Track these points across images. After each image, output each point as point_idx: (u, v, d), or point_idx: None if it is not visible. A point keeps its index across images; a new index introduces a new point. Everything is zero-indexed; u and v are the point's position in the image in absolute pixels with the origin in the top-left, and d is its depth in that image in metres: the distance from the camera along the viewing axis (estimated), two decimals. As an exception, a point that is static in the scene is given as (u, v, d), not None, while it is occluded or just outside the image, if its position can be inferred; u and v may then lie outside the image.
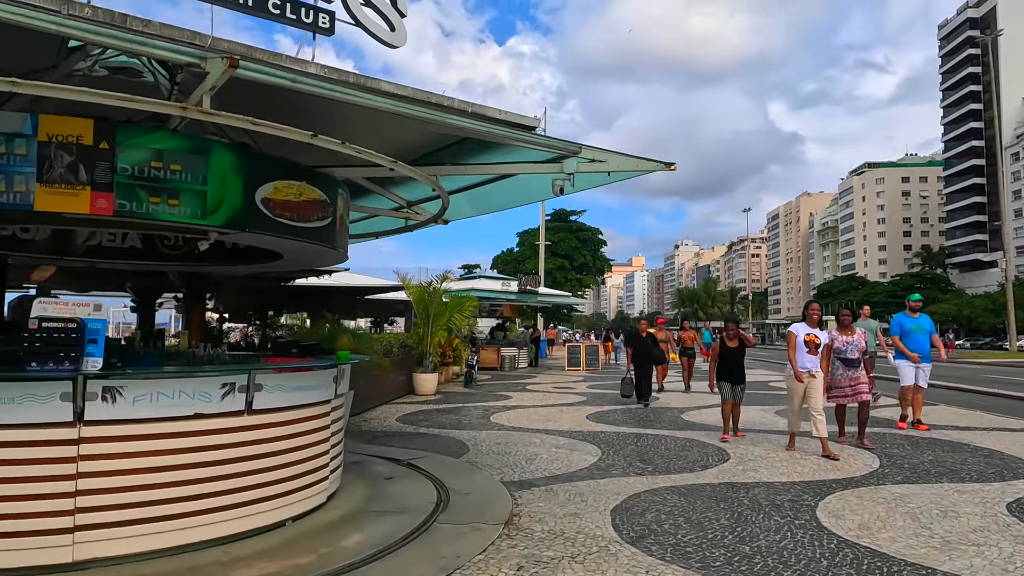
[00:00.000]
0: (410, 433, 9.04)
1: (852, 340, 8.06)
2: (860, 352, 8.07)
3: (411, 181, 6.44)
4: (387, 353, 13.08)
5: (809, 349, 7.60)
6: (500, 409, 11.77)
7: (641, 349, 12.70)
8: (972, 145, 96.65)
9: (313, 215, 4.84)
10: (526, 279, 24.47)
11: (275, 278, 11.48)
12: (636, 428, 9.48)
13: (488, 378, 19.34)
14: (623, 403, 12.69)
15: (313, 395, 4.83)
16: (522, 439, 8.51)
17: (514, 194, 6.31)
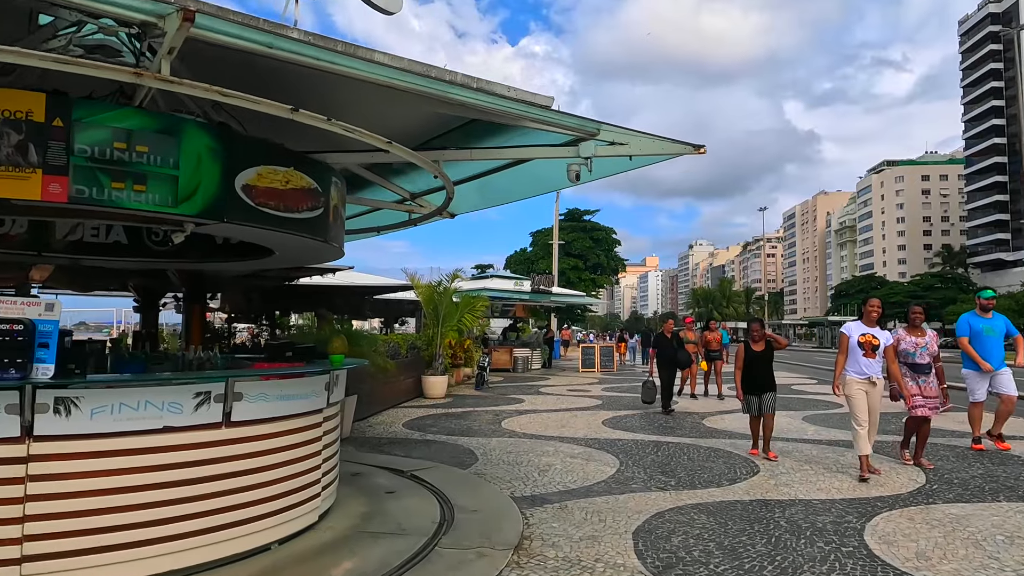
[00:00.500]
0: (416, 440, 8.56)
1: (923, 342, 6.95)
2: (932, 357, 6.95)
3: (414, 170, 5.96)
4: (394, 355, 12.62)
5: (866, 351, 6.46)
6: (512, 414, 11.27)
7: (666, 352, 11.75)
8: (994, 142, 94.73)
9: (302, 205, 4.36)
10: (539, 278, 23.93)
11: (278, 277, 11.06)
12: (655, 435, 8.94)
13: (500, 380, 18.85)
14: (640, 408, 12.13)
15: (302, 404, 4.36)
16: (534, 447, 8.00)
17: (525, 183, 5.79)
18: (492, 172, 5.49)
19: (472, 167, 5.53)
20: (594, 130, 4.35)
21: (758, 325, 7.90)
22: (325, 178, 4.68)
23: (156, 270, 10.20)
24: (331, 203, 4.75)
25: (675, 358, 11.72)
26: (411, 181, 6.22)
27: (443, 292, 14.48)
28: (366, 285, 15.07)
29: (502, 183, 5.79)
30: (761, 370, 7.60)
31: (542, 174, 5.42)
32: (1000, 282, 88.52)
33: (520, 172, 5.39)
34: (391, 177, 6.22)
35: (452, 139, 5.11)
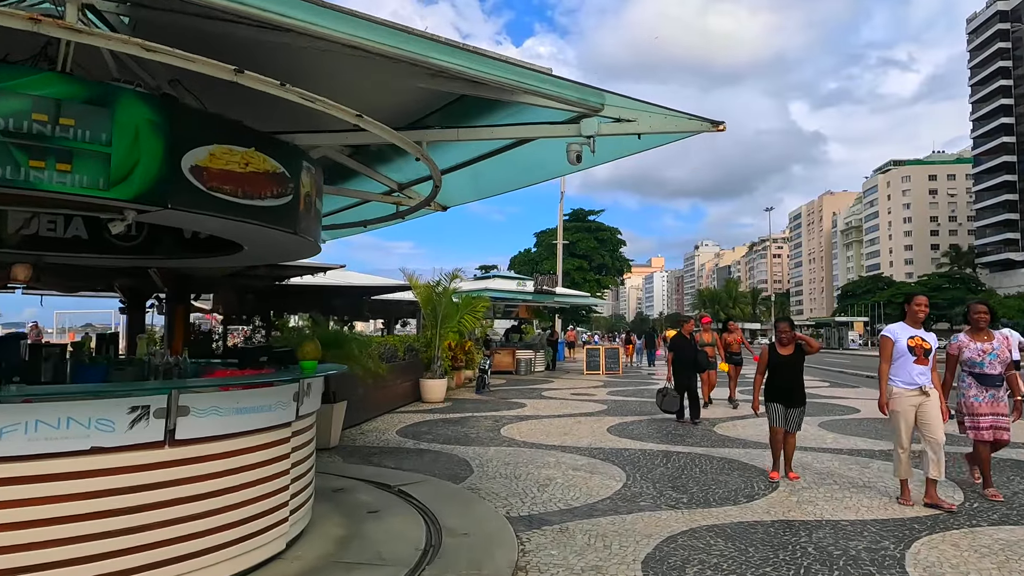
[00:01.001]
0: (409, 450, 8.03)
1: (991, 347, 5.75)
2: (1003, 365, 5.78)
3: (399, 157, 5.43)
4: (390, 358, 12.10)
5: (917, 357, 5.42)
6: (512, 420, 10.72)
7: (685, 355, 10.51)
8: (1003, 141, 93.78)
9: (264, 191, 3.83)
10: (543, 279, 23.38)
11: (269, 277, 10.55)
12: (664, 444, 8.38)
13: (502, 383, 18.31)
14: (647, 414, 11.57)
15: (265, 418, 3.82)
16: (535, 458, 7.46)
17: (521, 169, 5.24)
18: (484, 158, 4.94)
19: (462, 152, 4.99)
20: (597, 104, 3.81)
21: (786, 325, 6.64)
22: (294, 162, 4.15)
23: (139, 269, 9.74)
24: (301, 191, 4.22)
25: (695, 361, 10.60)
26: (398, 170, 5.69)
27: (442, 292, 13.95)
28: (363, 285, 14.54)
29: (495, 171, 5.25)
30: (788, 378, 6.47)
31: (539, 158, 4.87)
32: (1009, 282, 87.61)
33: (515, 157, 4.84)
34: (376, 165, 5.69)
35: (438, 120, 4.57)
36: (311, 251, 4.99)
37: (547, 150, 4.65)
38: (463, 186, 5.77)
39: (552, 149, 4.53)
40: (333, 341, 7.95)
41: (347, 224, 6.88)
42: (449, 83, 3.74)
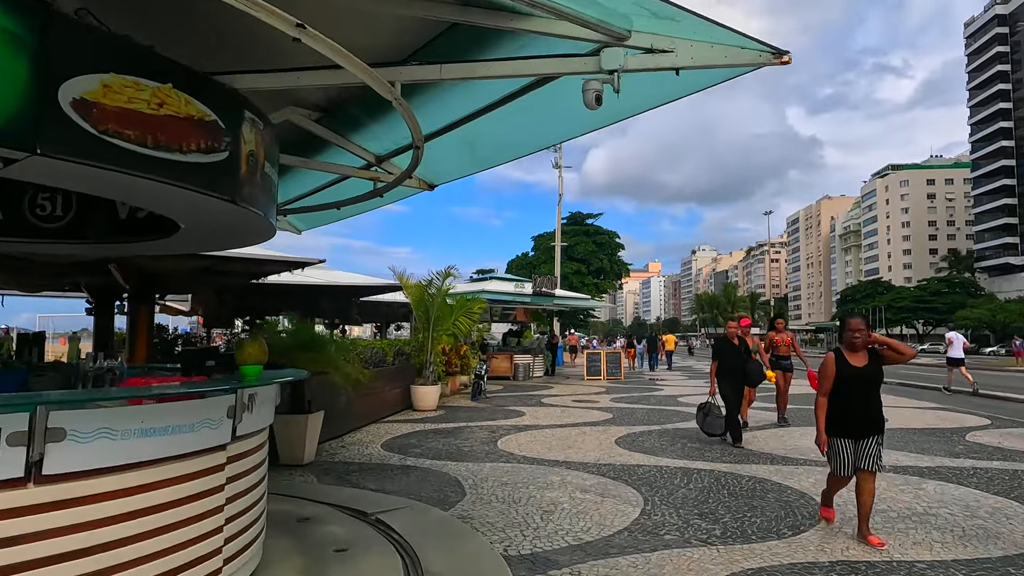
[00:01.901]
0: (394, 467, 7.09)
1: None
2: None
3: (375, 121, 4.53)
4: (378, 363, 11.17)
5: None
6: (510, 430, 9.79)
7: (732, 362, 8.62)
8: (1001, 145, 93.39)
9: (187, 142, 2.92)
10: (541, 280, 22.46)
11: (243, 274, 9.62)
12: (681, 460, 7.45)
13: (500, 389, 17.37)
14: (656, 423, 10.65)
15: (184, 441, 2.90)
16: (536, 476, 6.53)
17: (524, 129, 4.32)
18: (478, 115, 4.02)
19: (450, 109, 4.07)
20: (622, 31, 2.90)
21: (860, 322, 4.66)
22: (232, 111, 3.25)
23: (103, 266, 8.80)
24: (243, 148, 3.31)
25: (743, 371, 8.63)
26: (374, 137, 4.78)
27: (435, 293, 13.01)
28: (351, 285, 13.61)
29: (492, 132, 4.33)
30: (861, 398, 4.55)
31: (549, 112, 3.94)
32: (1009, 287, 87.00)
33: (516, 113, 3.92)
34: (349, 133, 4.78)
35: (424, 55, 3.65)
36: (262, 231, 4.07)
37: (557, 99, 3.72)
38: (454, 155, 4.86)
39: (563, 99, 3.62)
40: (310, 344, 7.02)
41: (319, 207, 5.95)
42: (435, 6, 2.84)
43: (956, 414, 12.04)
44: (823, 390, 4.66)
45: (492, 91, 3.70)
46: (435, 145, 4.58)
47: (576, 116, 3.57)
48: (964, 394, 16.41)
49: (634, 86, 3.14)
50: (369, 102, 4.21)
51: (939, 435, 9.38)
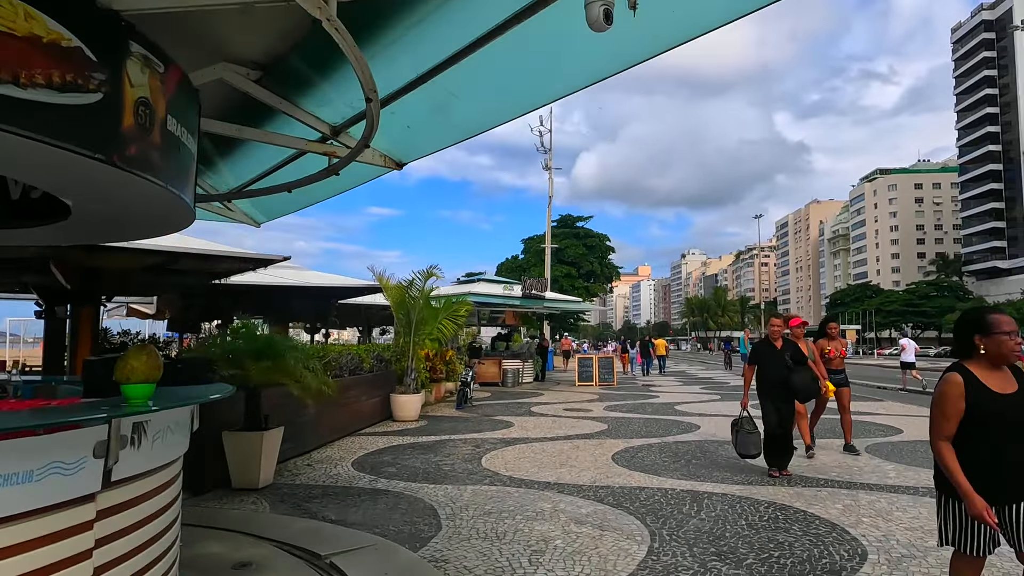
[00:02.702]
0: (362, 491, 6.22)
1: None
2: None
3: (325, 80, 3.68)
4: (354, 370, 10.29)
5: None
6: (496, 444, 8.94)
7: (773, 370, 6.88)
8: (989, 150, 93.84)
9: (26, 72, 2.07)
10: (531, 282, 21.62)
11: (199, 272, 8.72)
12: (688, 481, 6.63)
13: (487, 396, 16.52)
14: (655, 435, 9.84)
15: (22, 496, 2.04)
16: (524, 503, 5.69)
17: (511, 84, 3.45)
18: (450, 63, 3.17)
19: (415, 56, 3.23)
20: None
21: (1008, 320, 2.79)
22: (110, 40, 2.41)
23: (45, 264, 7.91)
24: (127, 93, 2.47)
25: (787, 382, 6.79)
26: (326, 101, 3.93)
27: (417, 294, 12.14)
28: (326, 286, 12.72)
29: (470, 89, 3.48)
30: (1015, 442, 2.72)
31: (538, 56, 3.10)
32: (997, 290, 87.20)
33: (498, 60, 3.08)
34: (295, 96, 3.92)
35: None
36: (172, 211, 3.20)
37: (551, 35, 2.89)
38: (424, 122, 4.01)
39: (559, 33, 2.79)
40: (265, 351, 6.15)
41: (268, 189, 5.09)
42: None
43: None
44: (943, 432, 2.79)
45: (468, 28, 2.86)
46: (401, 110, 3.74)
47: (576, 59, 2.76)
48: (916, 392, 17.73)
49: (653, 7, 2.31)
50: (314, 53, 3.38)
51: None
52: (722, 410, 13.27)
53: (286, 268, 13.03)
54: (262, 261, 7.80)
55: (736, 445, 7.08)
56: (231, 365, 5.84)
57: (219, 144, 5.02)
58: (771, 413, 6.84)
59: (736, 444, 7.07)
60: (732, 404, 14.42)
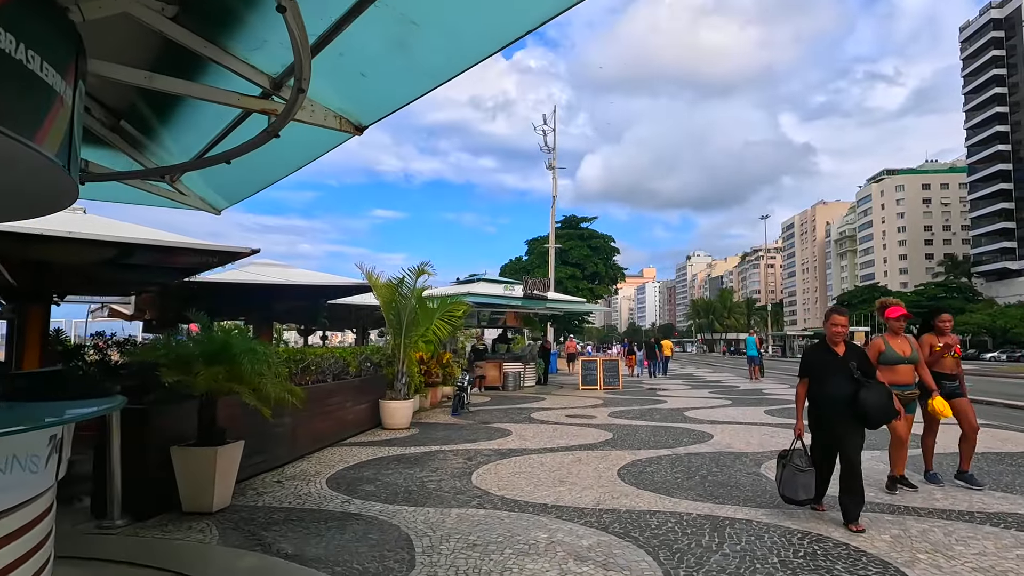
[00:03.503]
0: (331, 515, 5.42)
1: None
2: None
3: (255, 13, 2.89)
4: (339, 375, 9.50)
5: None
6: (490, 456, 8.13)
7: (835, 387, 5.14)
8: (998, 149, 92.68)
9: None
10: (532, 282, 20.78)
11: (155, 268, 7.95)
12: (705, 503, 5.81)
13: (486, 401, 15.73)
14: (665, 445, 9.01)
15: None
16: (515, 532, 4.88)
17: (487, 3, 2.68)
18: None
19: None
20: None
21: None
22: None
23: None
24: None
25: (857, 401, 4.96)
26: (259, 44, 3.14)
27: (409, 292, 11.33)
28: (313, 285, 11.94)
29: (435, 11, 2.68)
30: None
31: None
32: (1007, 291, 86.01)
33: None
34: (223, 39, 3.14)
35: None
36: (35, 179, 2.41)
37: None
38: (382, 66, 3.21)
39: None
40: (219, 354, 5.36)
41: (203, 161, 4.29)
42: None
43: (1009, 432, 10.44)
44: None
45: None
46: (350, 50, 2.96)
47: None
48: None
49: None
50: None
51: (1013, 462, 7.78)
52: (735, 417, 12.43)
53: (271, 266, 12.28)
54: (228, 254, 7.01)
55: (781, 485, 5.36)
56: (177, 371, 5.05)
57: (156, 106, 4.26)
58: (822, 446, 5.29)
59: (781, 483, 5.36)
60: (745, 411, 13.59)
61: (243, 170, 4.88)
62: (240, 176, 5.05)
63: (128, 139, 4.70)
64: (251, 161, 4.69)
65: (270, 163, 4.57)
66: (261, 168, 4.67)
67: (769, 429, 10.61)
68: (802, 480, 5.24)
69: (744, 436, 9.84)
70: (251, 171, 4.79)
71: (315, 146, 4.08)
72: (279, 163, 4.50)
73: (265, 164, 4.61)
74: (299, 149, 4.19)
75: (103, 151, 4.82)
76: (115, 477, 4.99)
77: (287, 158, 4.40)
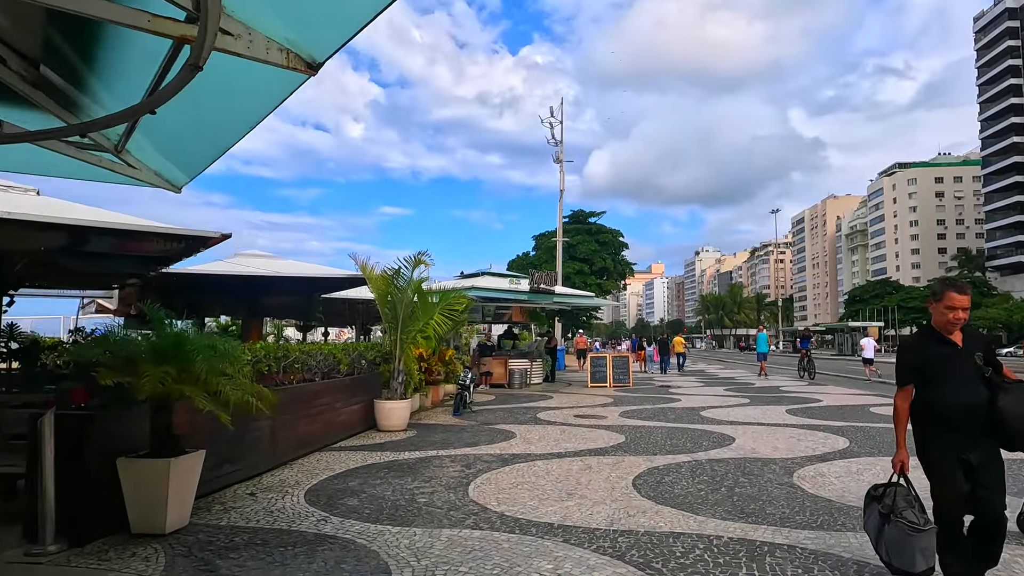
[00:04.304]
0: (302, 535, 4.67)
1: None
2: None
3: None
4: (327, 374, 8.77)
5: None
6: (491, 463, 7.38)
7: (955, 393, 3.47)
8: (1013, 141, 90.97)
9: None
10: (539, 275, 20.00)
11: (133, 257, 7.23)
12: (737, 522, 5.02)
13: (491, 399, 14.99)
14: (684, 450, 8.23)
15: None
16: (514, 561, 4.11)
17: None
18: None
19: None
20: None
21: None
22: None
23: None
24: None
25: (994, 409, 3.39)
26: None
27: (405, 285, 10.57)
28: (304, 277, 11.21)
29: None
30: None
31: None
32: (1022, 285, 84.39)
33: None
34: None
35: None
36: None
37: None
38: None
39: None
40: (171, 352, 4.62)
41: (130, 114, 3.53)
42: None
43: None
44: None
45: None
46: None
47: None
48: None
49: None
50: None
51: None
52: (756, 417, 11.62)
53: (259, 258, 11.57)
54: (195, 239, 6.26)
55: (883, 547, 3.59)
56: (118, 371, 4.31)
57: (77, 47, 3.51)
58: (952, 477, 3.43)
59: (884, 546, 3.58)
60: (766, 410, 12.78)
61: (191, 131, 4.14)
62: (191, 140, 4.30)
63: (56, 96, 3.95)
64: (198, 119, 3.95)
65: (219, 120, 3.82)
66: (211, 127, 3.92)
67: (794, 431, 9.80)
68: (920, 543, 3.37)
69: (769, 439, 9.03)
70: (201, 132, 4.04)
71: (265, 94, 3.32)
72: (230, 120, 3.75)
73: (214, 122, 3.85)
74: (248, 99, 3.45)
75: (30, 113, 4.08)
76: (47, 494, 4.27)
77: (238, 112, 3.65)
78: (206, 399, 4.48)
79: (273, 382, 7.24)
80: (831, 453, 7.90)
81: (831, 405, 13.68)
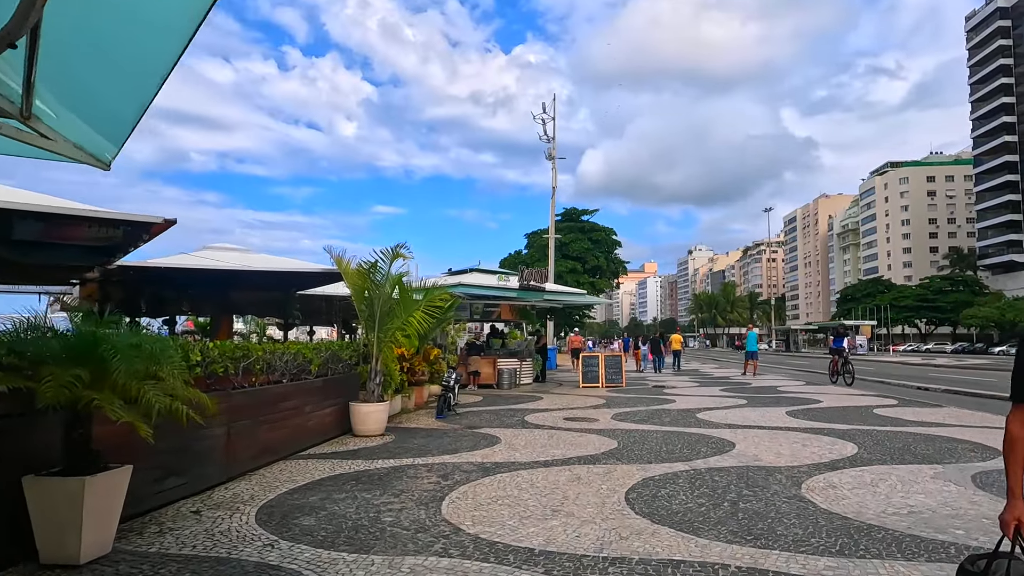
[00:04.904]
0: (242, 564, 4.00)
1: None
2: None
3: None
4: (296, 375, 8.09)
5: None
6: (471, 473, 6.73)
7: None
8: (1004, 140, 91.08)
9: None
10: (529, 272, 19.35)
11: (72, 246, 6.52)
12: (745, 545, 4.39)
13: (478, 400, 14.33)
14: (680, 457, 7.60)
15: None
16: (488, 597, 3.47)
17: None
18: None
19: None
20: None
21: None
22: None
23: None
24: None
25: None
26: None
27: (382, 280, 9.89)
28: (276, 272, 10.51)
29: None
30: None
31: None
32: (1014, 284, 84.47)
33: None
34: None
35: None
36: None
37: None
38: None
39: None
40: (87, 354, 3.95)
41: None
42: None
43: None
44: None
45: None
46: None
47: None
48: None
49: None
50: None
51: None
52: (755, 419, 11.01)
53: (228, 251, 10.87)
54: (135, 225, 5.56)
55: None
56: (13, 375, 3.63)
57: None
58: None
59: None
60: (764, 412, 12.18)
61: (102, 83, 3.48)
62: (105, 95, 3.62)
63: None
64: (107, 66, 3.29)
65: (132, 62, 3.15)
66: (125, 75, 3.25)
67: (797, 435, 9.20)
68: None
69: (771, 445, 8.42)
70: (114, 83, 3.37)
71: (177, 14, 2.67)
72: (145, 59, 3.09)
73: (126, 66, 3.19)
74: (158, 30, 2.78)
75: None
76: (-68, 522, 3.59)
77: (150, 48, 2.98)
78: (122, 407, 3.80)
79: (230, 385, 6.57)
80: (839, 460, 7.29)
81: (832, 406, 13.10)
